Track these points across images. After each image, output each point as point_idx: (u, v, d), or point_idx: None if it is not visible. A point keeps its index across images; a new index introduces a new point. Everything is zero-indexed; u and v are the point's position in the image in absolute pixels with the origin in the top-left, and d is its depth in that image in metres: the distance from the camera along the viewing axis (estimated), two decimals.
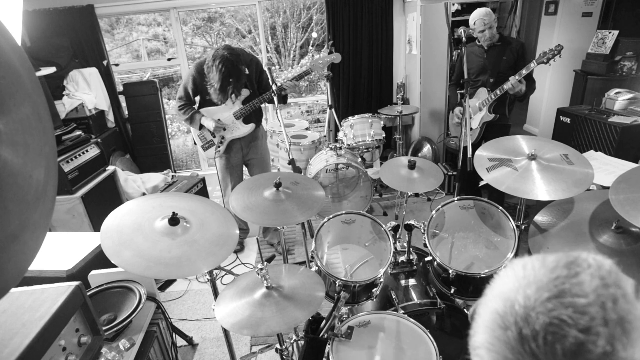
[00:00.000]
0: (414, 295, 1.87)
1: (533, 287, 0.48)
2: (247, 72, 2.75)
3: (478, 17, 2.92)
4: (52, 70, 3.51)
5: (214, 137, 2.89)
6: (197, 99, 2.90)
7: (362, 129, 3.58)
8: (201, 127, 2.86)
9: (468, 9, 4.24)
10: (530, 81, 2.92)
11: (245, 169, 3.22)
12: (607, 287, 0.47)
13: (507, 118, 3.12)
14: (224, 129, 2.85)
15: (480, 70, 3.06)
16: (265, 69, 2.45)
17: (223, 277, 2.95)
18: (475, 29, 2.96)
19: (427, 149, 4.35)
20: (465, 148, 2.44)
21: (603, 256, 0.51)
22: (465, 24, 3.05)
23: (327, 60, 2.76)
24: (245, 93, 2.80)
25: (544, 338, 0.45)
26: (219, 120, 2.81)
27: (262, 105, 2.92)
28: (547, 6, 4.23)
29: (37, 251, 0.58)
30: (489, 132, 3.06)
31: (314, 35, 7.95)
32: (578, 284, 0.47)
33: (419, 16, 3.93)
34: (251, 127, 2.89)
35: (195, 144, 2.98)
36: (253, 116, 2.90)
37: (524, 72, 2.72)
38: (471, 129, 3.04)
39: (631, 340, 0.45)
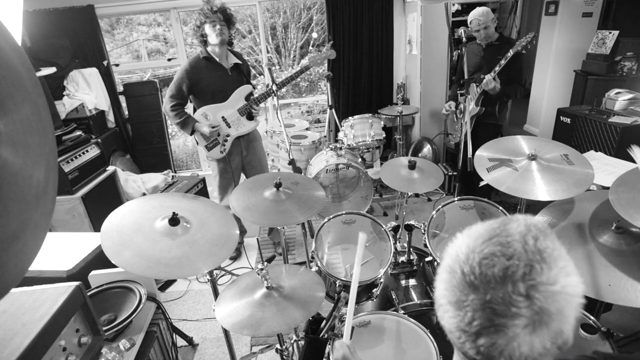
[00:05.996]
0: (414, 295, 1.87)
1: (472, 239, 0.60)
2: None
3: (474, 16, 2.96)
4: (52, 70, 3.51)
5: (218, 135, 2.80)
6: (191, 102, 2.83)
7: (362, 129, 3.58)
8: (192, 132, 2.73)
9: (468, 9, 4.23)
10: (514, 83, 2.90)
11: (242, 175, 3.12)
12: (530, 230, 0.57)
13: (497, 117, 3.10)
14: (229, 126, 2.78)
15: (476, 68, 3.06)
16: (266, 68, 2.46)
17: (222, 276, 2.95)
18: (472, 28, 2.99)
19: (427, 149, 4.35)
20: (465, 147, 2.44)
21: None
22: (465, 24, 3.07)
23: (323, 56, 2.84)
24: (248, 89, 2.79)
25: (479, 269, 0.56)
26: (223, 117, 2.76)
27: (262, 105, 2.88)
28: (547, 6, 4.22)
29: (37, 251, 0.58)
30: (478, 129, 3.03)
31: (314, 35, 7.95)
32: (506, 229, 0.59)
33: (419, 16, 3.93)
34: (256, 122, 2.86)
35: (197, 143, 2.84)
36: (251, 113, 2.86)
37: (503, 62, 2.75)
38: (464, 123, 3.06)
39: (549, 265, 0.54)
